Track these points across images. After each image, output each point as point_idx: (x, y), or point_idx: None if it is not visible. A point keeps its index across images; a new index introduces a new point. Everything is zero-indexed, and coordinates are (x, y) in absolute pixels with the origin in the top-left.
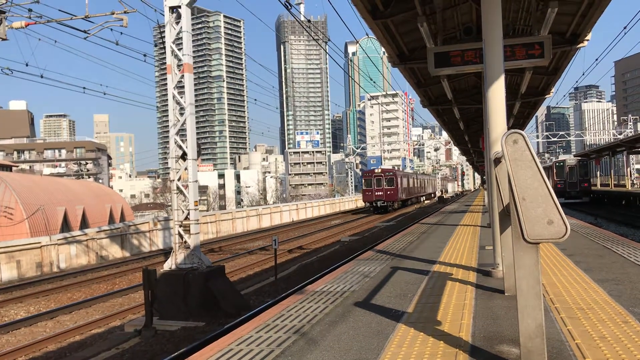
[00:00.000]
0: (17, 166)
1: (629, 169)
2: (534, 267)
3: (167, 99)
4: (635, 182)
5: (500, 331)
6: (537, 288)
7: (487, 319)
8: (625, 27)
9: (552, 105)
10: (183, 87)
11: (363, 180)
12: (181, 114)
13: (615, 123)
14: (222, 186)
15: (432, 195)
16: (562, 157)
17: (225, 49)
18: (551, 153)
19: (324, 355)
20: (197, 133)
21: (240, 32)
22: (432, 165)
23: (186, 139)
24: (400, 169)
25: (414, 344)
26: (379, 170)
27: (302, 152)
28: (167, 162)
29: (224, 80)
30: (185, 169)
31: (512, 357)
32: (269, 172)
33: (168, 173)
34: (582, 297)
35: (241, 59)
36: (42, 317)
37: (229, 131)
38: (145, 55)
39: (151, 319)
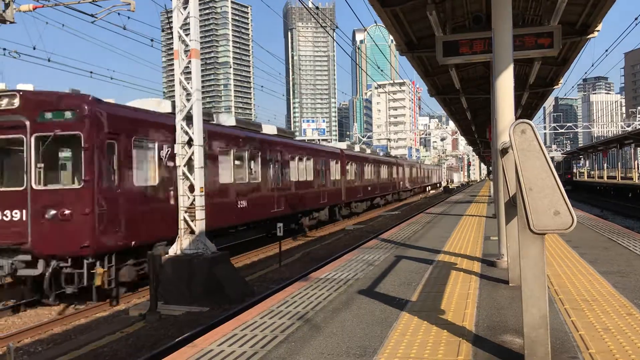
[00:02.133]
0: None
1: (636, 162)
2: (539, 257)
3: (173, 85)
4: None
5: (504, 321)
6: (542, 279)
7: (491, 309)
8: (636, 18)
9: (561, 97)
10: (190, 72)
11: None
12: (188, 100)
13: (624, 115)
14: None
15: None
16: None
17: (233, 35)
18: (558, 144)
19: (327, 341)
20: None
21: (247, 18)
22: (439, 155)
23: (192, 125)
24: (407, 156)
25: (418, 333)
26: None
27: (308, 140)
28: None
29: (230, 67)
30: (192, 154)
31: (516, 347)
32: None
33: None
34: (587, 289)
35: (248, 45)
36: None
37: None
38: (152, 40)
39: (156, 304)
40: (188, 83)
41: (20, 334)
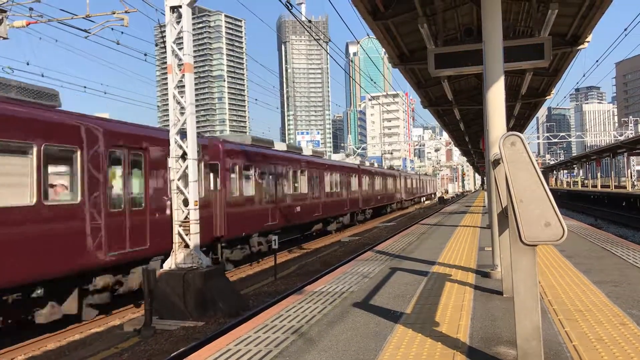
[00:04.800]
0: None
1: (629, 171)
2: (531, 269)
3: (167, 99)
4: (636, 183)
5: (498, 332)
6: (534, 290)
7: (485, 321)
8: (625, 29)
9: (553, 107)
10: (184, 86)
11: None
12: (182, 114)
13: (616, 124)
14: None
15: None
16: None
17: (226, 49)
18: (552, 154)
19: (322, 355)
20: (198, 133)
21: (241, 31)
22: (433, 166)
23: (186, 139)
24: (402, 168)
25: (412, 345)
26: None
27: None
28: None
29: (224, 80)
30: (186, 168)
31: (510, 358)
32: None
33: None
34: (580, 299)
35: (242, 58)
36: None
37: (230, 130)
38: (146, 55)
39: (150, 319)
40: (182, 97)
41: (14, 351)
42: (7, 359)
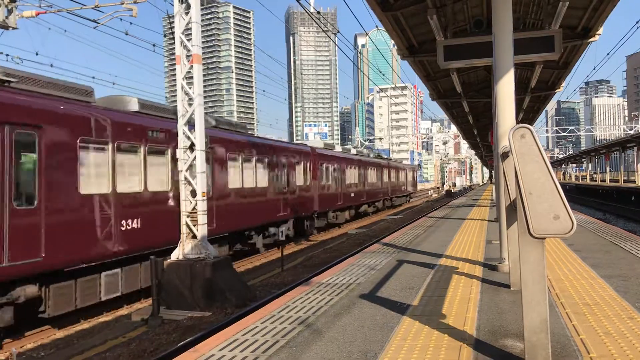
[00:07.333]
0: None
1: (638, 165)
2: (539, 262)
3: (175, 90)
4: None
5: (505, 325)
6: (542, 283)
7: (492, 313)
8: (638, 22)
9: (563, 100)
10: (192, 77)
11: None
12: (190, 105)
13: (626, 118)
14: None
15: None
16: None
17: (235, 40)
18: (561, 148)
19: (328, 346)
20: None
21: (249, 23)
22: (441, 159)
23: (194, 130)
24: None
25: (419, 337)
26: None
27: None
28: None
29: (232, 72)
30: (193, 159)
31: (517, 351)
32: None
33: None
34: (588, 293)
35: (250, 50)
36: None
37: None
38: (154, 46)
39: (158, 308)
40: (190, 88)
41: (24, 339)
42: (16, 346)
